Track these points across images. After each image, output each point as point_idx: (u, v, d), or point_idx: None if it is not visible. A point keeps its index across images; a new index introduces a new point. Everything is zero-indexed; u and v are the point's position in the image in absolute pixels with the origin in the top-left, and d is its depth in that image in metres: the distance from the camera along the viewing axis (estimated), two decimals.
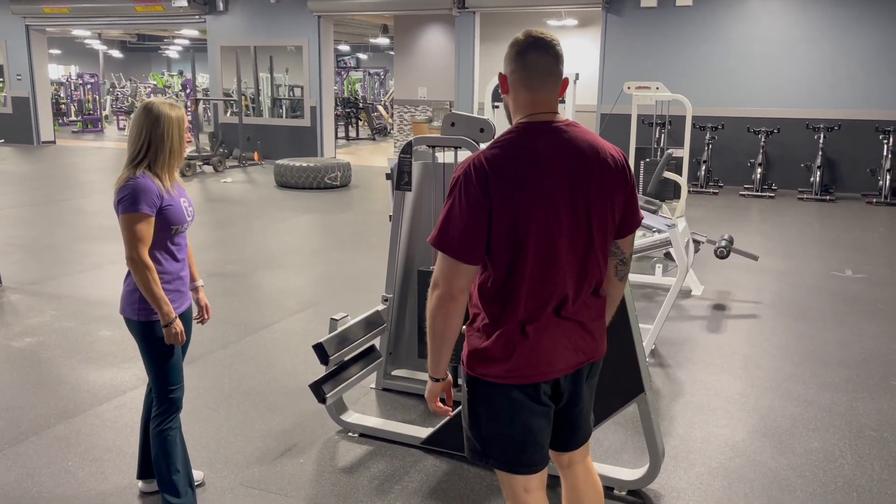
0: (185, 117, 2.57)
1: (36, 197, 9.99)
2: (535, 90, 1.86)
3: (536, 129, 1.85)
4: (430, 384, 1.98)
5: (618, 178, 1.89)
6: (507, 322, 1.86)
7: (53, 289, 5.67)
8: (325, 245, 7.36)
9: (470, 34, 12.95)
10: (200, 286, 2.90)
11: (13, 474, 3.02)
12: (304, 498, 2.88)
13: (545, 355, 1.87)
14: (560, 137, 1.85)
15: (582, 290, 1.89)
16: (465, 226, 1.78)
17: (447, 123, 3.45)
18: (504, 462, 1.96)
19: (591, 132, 1.92)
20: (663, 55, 11.66)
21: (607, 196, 1.87)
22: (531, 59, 1.85)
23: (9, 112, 16.76)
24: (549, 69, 1.86)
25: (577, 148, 1.85)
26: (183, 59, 31.43)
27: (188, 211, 2.64)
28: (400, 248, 3.77)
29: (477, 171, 1.78)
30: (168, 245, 2.58)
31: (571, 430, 2.06)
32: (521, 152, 1.82)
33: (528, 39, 1.86)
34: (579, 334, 1.92)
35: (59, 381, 3.96)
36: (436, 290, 1.83)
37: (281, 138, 14.62)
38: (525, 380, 1.87)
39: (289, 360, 4.30)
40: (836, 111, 10.93)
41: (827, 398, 3.87)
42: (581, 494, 2.16)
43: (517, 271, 1.82)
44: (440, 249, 1.81)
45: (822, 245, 7.58)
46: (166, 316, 2.48)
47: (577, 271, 1.87)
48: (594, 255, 1.89)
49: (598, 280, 1.93)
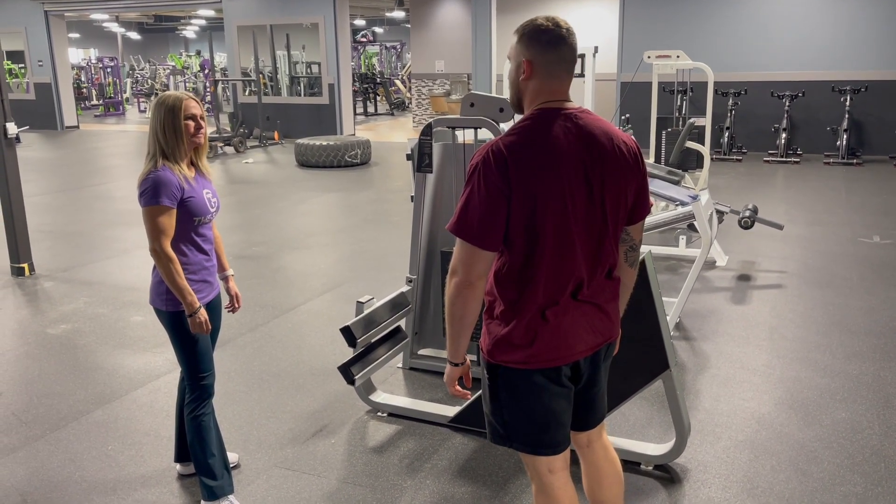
0: (181, 105, 2.54)
1: (62, 183, 10.14)
2: (561, 80, 1.89)
3: (552, 116, 1.86)
4: (449, 368, 2.02)
5: (630, 166, 1.91)
6: (526, 308, 1.88)
7: (84, 275, 5.79)
8: (347, 224, 7.41)
9: (486, 5, 12.81)
10: (231, 275, 2.95)
11: (56, 459, 3.13)
12: (336, 478, 2.96)
13: (566, 339, 1.90)
14: (575, 124, 1.86)
15: (597, 274, 1.92)
16: (485, 212, 1.79)
17: (466, 104, 3.45)
18: (528, 445, 2.00)
19: (604, 120, 1.94)
20: (683, 20, 11.47)
21: (620, 182, 1.89)
22: (563, 50, 1.88)
23: (32, 98, 16.96)
24: (573, 59, 1.90)
25: (591, 134, 1.86)
26: (200, 39, 31.46)
27: (211, 202, 2.68)
28: (422, 230, 3.79)
29: (496, 158, 1.80)
30: (192, 236, 2.63)
31: (589, 410, 2.10)
32: (538, 139, 1.83)
33: (557, 30, 1.88)
34: (596, 316, 1.95)
35: (95, 366, 4.07)
36: (454, 277, 1.86)
37: (300, 116, 14.66)
38: (547, 364, 1.90)
39: (316, 342, 4.37)
40: (862, 72, 10.71)
41: (854, 368, 3.86)
42: (602, 472, 2.20)
43: (535, 256, 1.84)
44: (459, 236, 1.83)
45: (849, 210, 7.49)
46: (190, 306, 2.54)
47: (592, 255, 1.90)
48: (608, 240, 1.91)
49: (611, 263, 1.96)
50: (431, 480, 2.93)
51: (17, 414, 3.54)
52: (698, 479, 2.91)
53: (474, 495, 2.83)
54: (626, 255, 2.04)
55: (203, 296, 2.65)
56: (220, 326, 2.89)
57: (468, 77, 14.95)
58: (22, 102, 16.76)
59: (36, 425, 3.42)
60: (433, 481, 2.92)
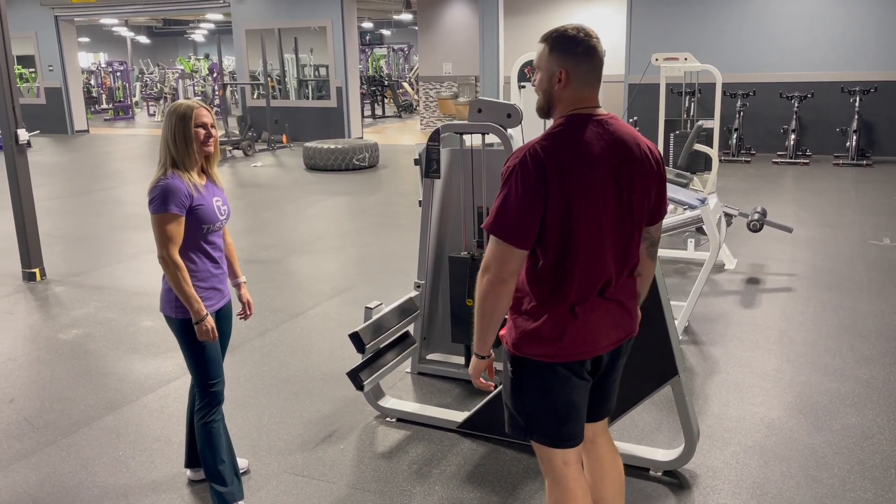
0: (192, 114, 2.57)
1: (73, 187, 10.21)
2: (593, 87, 1.98)
3: (584, 122, 1.95)
4: (475, 360, 2.07)
5: (654, 170, 2.03)
6: (557, 304, 1.96)
7: (95, 280, 5.83)
8: (355, 228, 7.43)
9: (494, 7, 12.82)
10: (243, 282, 2.96)
11: (68, 465, 3.16)
12: (345, 484, 2.97)
13: (592, 334, 1.99)
14: (605, 129, 1.96)
15: (623, 273, 2.03)
16: (521, 212, 1.87)
17: (474, 110, 3.45)
18: (548, 437, 2.06)
19: (629, 125, 2.04)
20: (691, 21, 11.44)
21: (645, 185, 2.00)
22: (595, 60, 1.96)
23: (42, 103, 17.06)
24: (602, 67, 2.00)
25: (621, 140, 1.96)
26: (209, 43, 31.60)
27: (221, 210, 2.69)
28: (430, 235, 3.80)
29: (533, 160, 1.87)
30: (201, 244, 2.64)
31: (602, 401, 2.19)
32: (572, 143, 1.92)
33: (589, 40, 1.95)
34: (620, 313, 2.05)
35: (105, 372, 4.10)
36: (487, 273, 1.92)
37: (308, 120, 14.70)
38: (572, 357, 1.98)
39: (325, 347, 4.39)
40: (871, 73, 10.66)
41: (864, 372, 3.85)
42: (605, 468, 2.26)
43: (569, 255, 1.92)
44: (496, 235, 1.89)
45: (859, 212, 7.45)
46: (197, 314, 2.56)
47: (621, 255, 2.00)
48: (634, 240, 2.03)
49: (635, 263, 2.07)
50: (440, 486, 2.94)
51: (30, 419, 3.57)
52: (707, 485, 2.91)
53: (483, 501, 2.84)
54: (647, 251, 2.15)
55: (212, 303, 2.66)
56: (231, 333, 2.91)
57: (476, 79, 14.96)
58: (33, 107, 16.87)
59: (48, 431, 3.45)
60: (442, 487, 2.93)
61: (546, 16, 14.64)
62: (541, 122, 5.12)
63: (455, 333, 3.76)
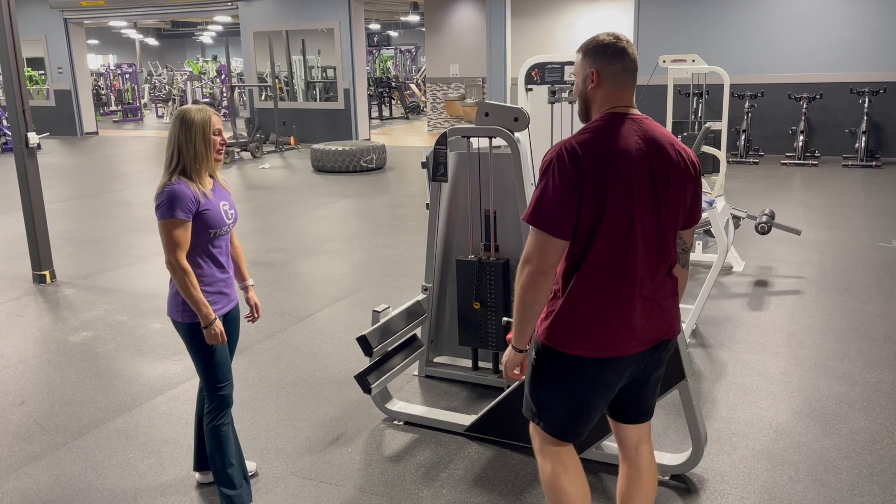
0: (209, 121, 2.60)
1: (82, 189, 10.26)
2: (626, 87, 2.02)
3: (620, 119, 1.99)
4: (511, 353, 2.10)
5: (689, 173, 2.04)
6: (587, 297, 1.98)
7: (104, 282, 5.87)
8: (363, 230, 7.45)
9: (501, 8, 12.82)
10: (250, 285, 2.98)
11: (77, 467, 3.18)
12: (353, 487, 2.98)
13: (622, 331, 1.99)
14: (640, 127, 1.99)
15: (659, 271, 2.03)
16: (559, 203, 1.91)
17: (481, 113, 3.46)
18: (554, 427, 2.12)
19: (664, 127, 2.08)
20: (698, 22, 11.42)
21: (681, 187, 2.02)
22: (626, 61, 2.00)
23: (52, 105, 17.16)
24: (635, 69, 2.03)
25: (655, 139, 2.00)
26: (217, 44, 31.71)
27: (228, 214, 2.70)
28: (438, 238, 3.81)
29: (570, 153, 1.92)
30: (208, 248, 2.65)
31: (639, 401, 2.20)
32: (609, 139, 1.96)
33: (621, 43, 2.00)
34: (656, 312, 2.04)
35: (115, 374, 4.12)
36: (527, 265, 1.95)
37: (316, 121, 14.73)
38: (601, 353, 1.99)
39: (333, 349, 4.40)
40: (881, 73, 10.61)
41: (873, 376, 3.84)
42: (643, 478, 2.26)
43: (601, 249, 1.95)
44: (534, 225, 1.93)
45: (868, 214, 7.42)
46: (205, 318, 2.57)
47: (656, 252, 2.00)
48: (670, 238, 2.04)
49: (672, 262, 2.07)
50: (448, 490, 2.94)
51: (40, 422, 3.59)
52: (715, 489, 2.90)
53: None
54: (679, 257, 2.14)
55: (219, 307, 2.68)
56: (239, 337, 2.92)
57: (483, 81, 14.96)
58: (42, 109, 16.97)
59: (58, 433, 3.47)
60: (449, 490, 2.94)
61: (554, 17, 14.63)
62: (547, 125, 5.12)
63: (462, 337, 3.76)
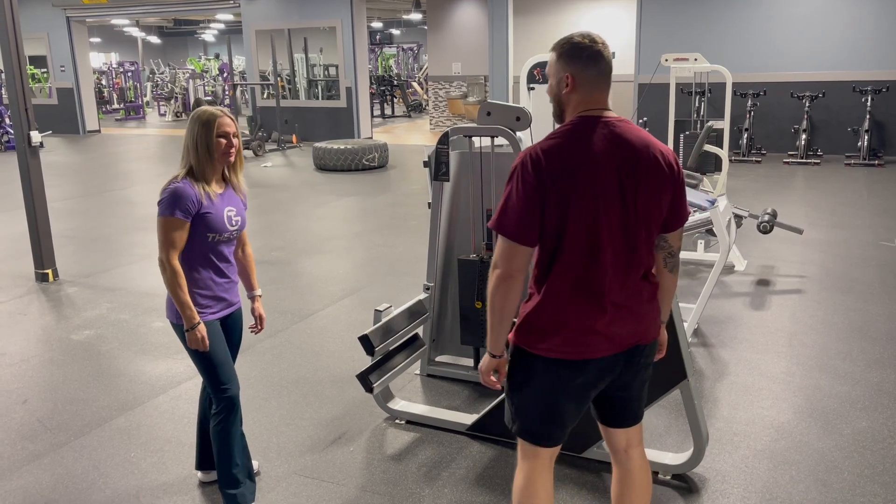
0: (213, 123, 2.56)
1: (84, 188, 10.28)
2: (600, 90, 2.00)
3: (591, 123, 1.97)
4: (486, 358, 2.10)
5: (666, 175, 2.00)
6: (555, 300, 1.98)
7: (107, 281, 5.87)
8: (365, 229, 7.45)
9: (503, 7, 12.81)
10: (258, 296, 2.93)
11: (80, 466, 3.19)
12: (355, 486, 2.99)
13: (590, 335, 1.98)
14: (612, 131, 1.97)
15: (631, 276, 2.01)
16: (521, 210, 1.93)
17: (483, 113, 3.46)
18: (526, 432, 2.11)
19: (641, 129, 2.04)
20: (701, 20, 11.40)
21: (655, 189, 1.98)
22: (601, 65, 1.99)
23: (54, 103, 17.18)
24: (609, 72, 2.01)
25: (628, 142, 1.97)
26: (219, 43, 31.70)
27: (232, 220, 2.66)
28: (440, 237, 3.81)
29: (533, 161, 1.93)
30: (207, 252, 2.61)
31: (623, 408, 2.17)
32: (575, 143, 1.95)
33: (594, 46, 1.98)
34: (628, 318, 2.02)
35: (117, 373, 4.13)
36: (495, 270, 1.97)
37: (318, 120, 14.74)
38: (569, 355, 1.99)
39: (335, 348, 4.41)
40: (883, 72, 10.59)
41: (875, 375, 3.83)
42: (635, 481, 2.23)
43: (566, 254, 1.95)
44: (499, 232, 1.96)
45: (871, 213, 7.41)
46: (188, 320, 2.54)
47: (626, 257, 1.98)
48: (641, 244, 2.00)
49: (646, 266, 2.04)
50: (449, 489, 2.95)
51: (42, 420, 3.60)
52: (716, 488, 2.91)
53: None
54: (665, 261, 2.12)
55: (213, 311, 2.65)
56: (239, 342, 2.89)
57: (485, 79, 14.95)
58: (44, 107, 16.98)
59: (60, 432, 3.48)
60: (451, 489, 2.94)
61: (555, 16, 14.62)
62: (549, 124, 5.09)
63: (464, 336, 3.77)
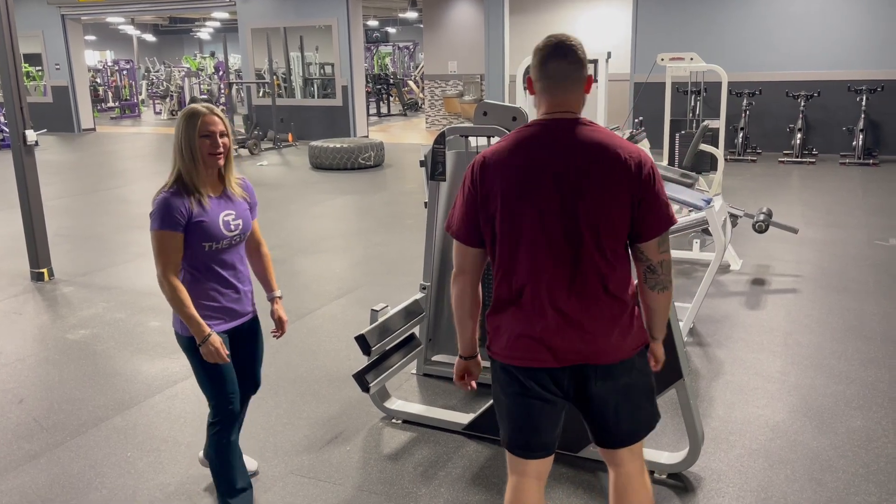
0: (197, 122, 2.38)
1: (80, 186, 10.25)
2: (554, 94, 1.96)
3: (541, 125, 1.95)
4: (458, 360, 2.16)
5: (625, 179, 1.87)
6: (497, 303, 2.01)
7: (102, 280, 5.86)
8: (361, 228, 7.45)
9: (499, 6, 12.81)
10: (277, 297, 2.80)
11: (77, 466, 3.18)
12: (351, 486, 2.99)
13: (526, 340, 1.95)
14: (564, 134, 1.92)
15: (577, 284, 1.91)
16: (462, 211, 1.99)
17: (480, 113, 3.47)
18: (504, 438, 2.10)
19: (606, 133, 1.94)
20: (697, 20, 11.42)
21: (605, 193, 1.87)
22: (551, 67, 1.94)
23: (49, 101, 17.12)
24: (568, 75, 1.94)
25: (579, 145, 1.90)
26: (215, 41, 31.64)
27: (230, 225, 2.50)
28: (436, 237, 3.82)
29: (475, 165, 1.97)
30: (207, 262, 2.48)
31: (602, 429, 2.05)
32: (517, 147, 1.94)
33: (547, 48, 1.94)
34: (573, 332, 1.92)
35: (113, 372, 4.13)
36: (453, 269, 2.06)
37: (314, 119, 14.72)
38: (513, 360, 1.99)
39: (332, 347, 4.41)
40: (878, 71, 10.63)
41: (870, 375, 3.85)
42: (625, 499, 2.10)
43: (500, 257, 1.96)
44: (447, 231, 2.05)
45: (866, 212, 7.44)
46: (198, 334, 2.41)
47: (569, 262, 1.90)
48: (587, 252, 1.89)
49: (598, 277, 1.91)
50: (446, 488, 2.95)
51: (39, 420, 3.60)
52: (712, 488, 2.92)
53: (489, 503, 2.85)
54: (644, 277, 2.00)
55: (219, 324, 2.53)
56: (257, 352, 2.80)
57: (481, 78, 14.95)
58: (39, 105, 16.92)
59: (57, 431, 3.48)
60: (448, 489, 2.95)
61: (551, 15, 14.62)
62: None
63: None
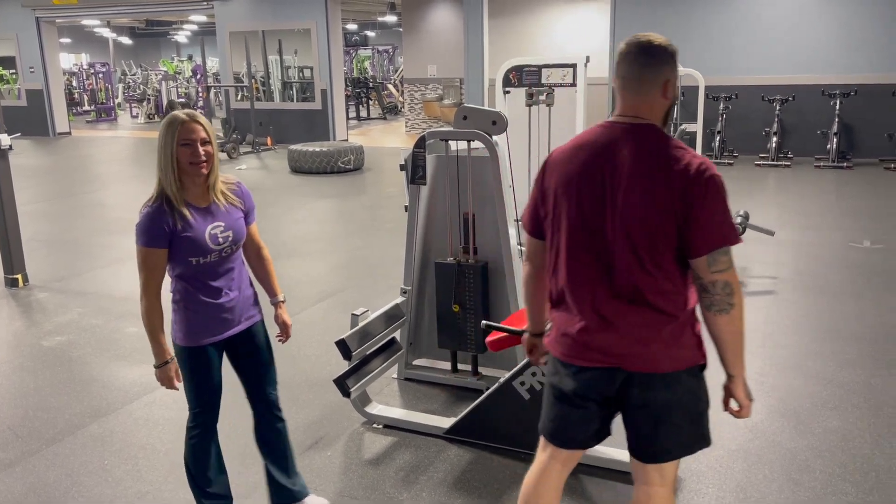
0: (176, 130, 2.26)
1: (55, 191, 10.12)
2: (624, 97, 1.98)
3: (604, 129, 1.98)
4: (526, 335, 2.31)
5: (667, 191, 1.83)
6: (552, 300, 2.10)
7: (78, 285, 5.79)
8: (341, 231, 7.42)
9: (478, 10, 12.84)
10: (280, 301, 2.75)
11: (53, 474, 3.14)
12: (333, 491, 2.97)
13: (564, 338, 2.02)
14: (619, 139, 1.92)
15: (612, 290, 1.90)
16: (530, 204, 2.12)
17: (460, 117, 3.47)
18: (540, 422, 2.17)
19: (664, 143, 1.89)
20: (673, 24, 11.53)
21: (643, 204, 1.85)
22: (623, 68, 1.97)
23: (24, 105, 16.89)
24: (637, 77, 1.93)
25: (629, 152, 1.88)
26: (192, 44, 31.41)
27: (217, 238, 2.40)
28: (417, 241, 3.81)
29: (546, 160, 2.09)
30: (195, 274, 2.42)
31: (636, 438, 2.02)
32: (577, 149, 2.00)
33: (626, 47, 1.95)
34: (604, 332, 1.92)
35: (90, 379, 4.07)
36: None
37: (293, 122, 14.65)
38: (556, 354, 2.06)
39: (312, 352, 4.38)
40: (851, 76, 10.79)
41: (846, 375, 3.90)
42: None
43: (550, 257, 2.07)
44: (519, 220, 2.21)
45: (840, 215, 7.55)
46: (156, 357, 2.39)
47: (603, 271, 1.91)
48: (622, 260, 1.88)
49: (634, 285, 1.88)
50: (428, 493, 2.95)
51: (13, 428, 3.54)
52: (692, 488, 2.94)
53: None
54: (700, 295, 1.92)
55: (207, 337, 2.50)
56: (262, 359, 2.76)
57: (460, 82, 14.98)
58: (13, 109, 16.68)
59: (32, 440, 3.43)
60: (429, 493, 2.94)
61: (530, 18, 14.69)
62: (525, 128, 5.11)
63: (441, 339, 3.77)
